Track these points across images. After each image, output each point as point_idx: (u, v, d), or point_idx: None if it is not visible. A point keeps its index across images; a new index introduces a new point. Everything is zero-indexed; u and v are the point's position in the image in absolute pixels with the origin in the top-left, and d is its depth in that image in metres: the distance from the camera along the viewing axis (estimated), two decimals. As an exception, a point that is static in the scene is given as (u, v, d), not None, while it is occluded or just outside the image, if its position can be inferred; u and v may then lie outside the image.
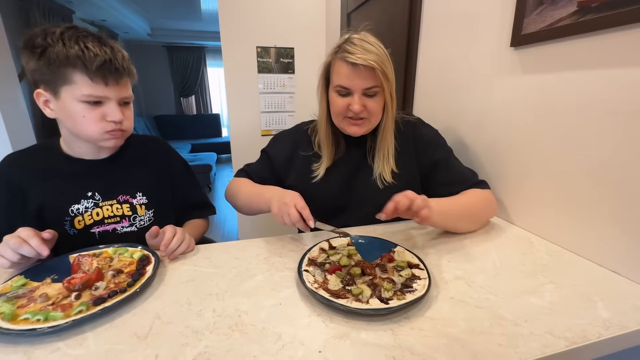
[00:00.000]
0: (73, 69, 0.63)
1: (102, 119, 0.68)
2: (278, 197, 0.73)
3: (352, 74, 0.73)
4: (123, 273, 0.59)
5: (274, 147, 0.93)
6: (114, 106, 0.68)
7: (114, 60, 0.66)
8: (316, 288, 0.55)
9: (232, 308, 0.52)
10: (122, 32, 5.20)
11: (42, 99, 0.67)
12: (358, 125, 0.80)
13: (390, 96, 0.77)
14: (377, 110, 0.78)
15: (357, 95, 0.75)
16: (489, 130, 0.90)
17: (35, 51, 0.63)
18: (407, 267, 0.60)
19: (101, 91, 0.66)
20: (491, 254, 0.69)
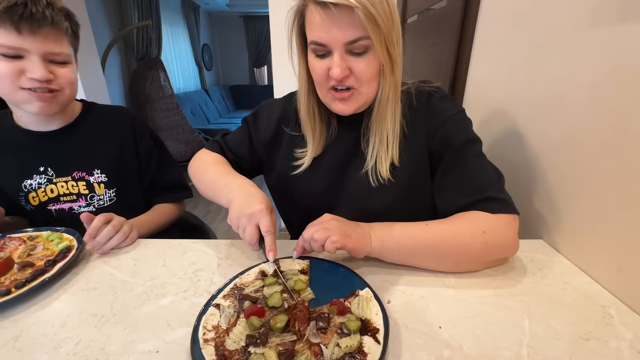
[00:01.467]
0: None
1: (18, 73, 0.59)
2: (242, 199, 0.55)
3: (327, 21, 0.49)
4: (30, 268, 0.52)
5: (257, 120, 0.72)
6: (37, 60, 0.59)
7: (30, 4, 0.56)
8: (206, 340, 0.39)
9: (98, 345, 0.40)
10: (204, 4, 5.45)
11: None
12: (344, 101, 0.55)
13: (388, 53, 0.51)
14: (369, 75, 0.52)
15: (337, 54, 0.51)
16: (571, 118, 0.57)
17: None
18: (357, 332, 0.39)
19: (13, 41, 0.57)
20: (521, 327, 0.42)
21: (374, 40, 0.49)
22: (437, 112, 0.59)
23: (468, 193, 0.55)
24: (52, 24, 0.60)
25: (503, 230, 0.52)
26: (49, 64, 0.61)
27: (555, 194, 0.61)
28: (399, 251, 0.53)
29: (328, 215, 0.54)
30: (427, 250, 0.52)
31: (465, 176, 0.56)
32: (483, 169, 0.57)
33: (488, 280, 0.51)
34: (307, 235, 0.51)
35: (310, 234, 0.50)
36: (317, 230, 0.49)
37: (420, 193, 0.61)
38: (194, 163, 0.73)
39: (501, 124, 0.77)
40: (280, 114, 0.70)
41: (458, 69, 0.96)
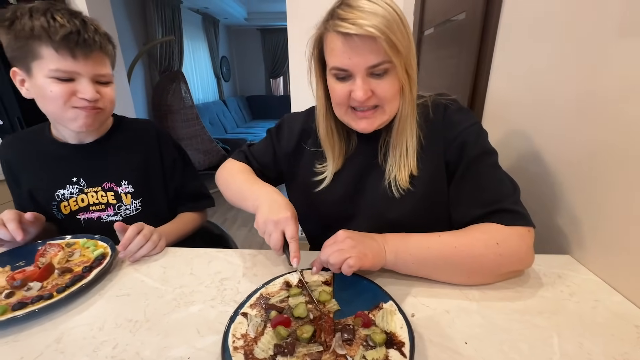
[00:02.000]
0: (39, 41, 0.60)
1: (70, 94, 0.64)
2: (268, 206, 0.57)
3: (348, 49, 0.51)
4: (70, 273, 0.55)
5: (280, 132, 0.75)
6: (87, 83, 0.64)
7: (83, 32, 0.61)
8: (236, 348, 0.40)
9: (133, 350, 0.42)
10: (223, 18, 5.66)
11: (18, 77, 0.66)
12: (368, 118, 0.57)
13: (407, 74, 0.53)
14: (391, 94, 0.54)
15: (359, 78, 0.53)
16: (599, 124, 0.56)
17: (4, 24, 0.61)
18: (382, 345, 0.40)
19: (69, 65, 0.62)
20: (550, 345, 0.41)
21: (396, 63, 0.51)
22: (453, 123, 0.60)
23: (482, 204, 0.55)
24: (100, 49, 0.65)
25: (516, 242, 0.52)
26: (96, 84, 0.66)
27: (582, 208, 0.59)
28: (413, 263, 0.53)
29: (342, 234, 0.54)
30: (440, 261, 0.53)
31: (480, 187, 0.57)
32: (498, 180, 0.57)
33: (513, 295, 0.51)
34: (323, 257, 0.52)
35: (326, 257, 0.51)
36: (332, 254, 0.50)
37: (438, 203, 0.62)
38: (221, 172, 0.76)
39: (522, 137, 0.77)
40: (302, 128, 0.72)
41: (477, 81, 0.96)
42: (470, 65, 0.97)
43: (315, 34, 0.58)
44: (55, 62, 0.61)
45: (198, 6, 4.86)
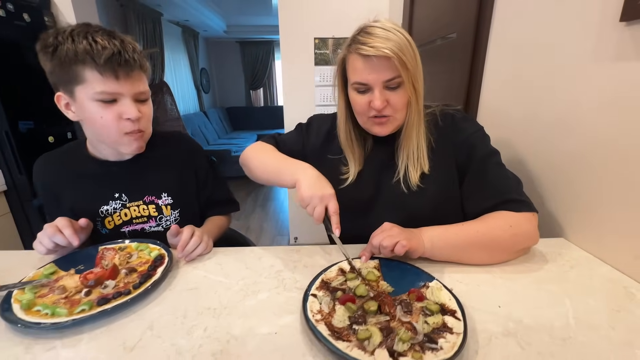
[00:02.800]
0: (83, 65, 0.61)
1: (119, 118, 0.66)
2: (313, 182, 0.63)
3: (368, 67, 0.63)
4: (136, 272, 0.59)
5: (309, 127, 0.84)
6: (129, 102, 0.66)
7: (123, 52, 0.63)
8: (317, 320, 0.47)
9: (223, 330, 0.47)
10: (202, 31, 5.68)
11: (63, 102, 0.67)
12: (382, 125, 0.68)
13: (414, 88, 0.64)
14: (402, 104, 0.66)
15: (377, 90, 0.64)
16: (578, 134, 0.69)
17: (48, 51, 0.62)
18: (438, 312, 0.48)
19: (113, 87, 0.63)
20: (563, 304, 0.52)
21: (405, 78, 0.63)
22: (461, 130, 0.71)
23: (492, 196, 0.66)
24: (140, 67, 0.67)
25: (525, 224, 0.63)
26: (136, 102, 0.68)
27: (570, 200, 0.72)
28: (445, 248, 0.63)
29: (388, 224, 0.64)
30: (467, 245, 0.63)
31: (489, 182, 0.68)
32: (504, 177, 0.69)
33: (527, 270, 0.61)
34: (375, 242, 0.60)
35: (378, 241, 0.60)
36: (384, 238, 0.59)
37: (450, 198, 0.72)
38: (251, 150, 0.81)
39: (511, 143, 0.89)
40: (329, 129, 0.81)
41: (470, 94, 1.09)
42: (463, 80, 1.10)
43: (339, 57, 0.70)
44: (100, 85, 0.63)
45: (178, 19, 4.86)
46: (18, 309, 0.49)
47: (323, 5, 2.04)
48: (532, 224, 0.64)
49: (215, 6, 4.64)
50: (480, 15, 1.01)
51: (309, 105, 2.24)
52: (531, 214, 0.64)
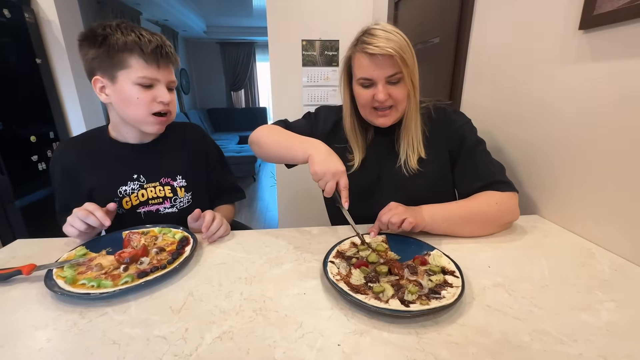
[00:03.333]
0: (130, 53, 0.70)
1: (152, 100, 0.74)
2: (325, 157, 0.68)
3: (373, 64, 0.72)
4: (165, 251, 0.64)
5: (317, 116, 0.91)
6: (163, 88, 0.74)
7: (164, 45, 0.73)
8: (337, 280, 0.54)
9: (258, 293, 0.54)
10: (182, 31, 5.60)
11: (99, 85, 0.74)
12: (386, 116, 0.78)
13: (412, 83, 0.74)
14: (402, 97, 0.75)
15: (380, 85, 0.73)
16: (546, 125, 0.81)
17: (97, 40, 0.69)
18: (439, 272, 0.57)
19: (154, 73, 0.72)
20: (540, 263, 0.62)
21: (405, 74, 0.72)
22: (453, 121, 0.82)
23: (481, 179, 0.77)
24: (174, 60, 0.77)
25: (509, 201, 0.74)
26: (168, 91, 0.76)
27: (541, 184, 0.84)
28: (442, 222, 0.72)
29: (394, 204, 0.72)
30: (461, 219, 0.73)
31: (478, 167, 0.79)
32: (490, 162, 0.80)
33: (509, 240, 0.72)
34: (384, 219, 0.68)
35: (387, 219, 0.68)
36: (392, 216, 0.67)
37: (444, 179, 0.83)
38: (262, 129, 0.85)
39: (490, 135, 1.01)
40: (336, 119, 0.89)
41: (453, 93, 1.21)
42: (447, 79, 1.22)
43: (345, 55, 0.79)
44: (143, 71, 0.71)
45: (158, 18, 4.78)
46: (63, 284, 0.53)
47: (310, 9, 2.12)
48: (514, 202, 0.75)
49: (195, 6, 4.60)
50: (461, 22, 1.12)
51: (296, 105, 2.31)
52: (513, 194, 0.76)
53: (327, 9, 2.12)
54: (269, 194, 4.00)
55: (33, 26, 1.97)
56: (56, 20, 2.04)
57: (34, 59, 1.96)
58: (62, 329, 0.46)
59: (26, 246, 0.72)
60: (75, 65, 2.15)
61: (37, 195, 1.92)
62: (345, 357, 0.41)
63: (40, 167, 1.95)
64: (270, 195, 3.93)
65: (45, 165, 1.98)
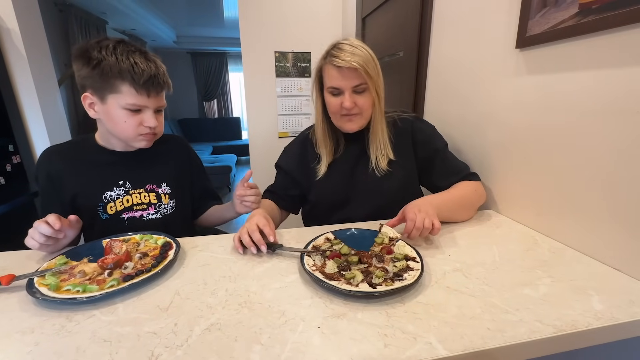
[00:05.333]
0: (122, 80, 0.73)
1: (139, 124, 0.78)
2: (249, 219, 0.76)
3: (340, 75, 0.81)
4: (148, 256, 0.66)
5: (284, 160, 1.01)
6: (151, 114, 0.78)
7: (157, 75, 0.76)
8: (313, 270, 0.59)
9: (242, 289, 0.58)
10: (150, 40, 5.49)
11: (88, 101, 0.76)
12: (352, 121, 0.86)
13: (377, 92, 0.83)
14: (367, 105, 0.84)
15: (347, 93, 0.82)
16: (494, 130, 0.92)
17: (92, 62, 0.72)
18: (403, 259, 0.64)
19: (143, 101, 0.76)
20: (492, 250, 0.71)
21: (369, 85, 0.81)
22: (420, 130, 0.93)
23: (456, 173, 0.90)
24: (165, 87, 0.80)
25: (481, 187, 0.90)
26: (155, 113, 0.80)
27: (492, 182, 0.94)
28: (445, 211, 0.80)
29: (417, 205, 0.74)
30: (456, 205, 0.84)
31: (452, 164, 0.92)
32: (457, 160, 0.93)
33: (468, 232, 0.81)
34: (419, 223, 0.69)
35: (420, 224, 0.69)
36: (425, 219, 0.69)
37: (411, 179, 0.93)
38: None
39: (449, 139, 1.12)
40: (300, 150, 0.99)
41: (417, 101, 1.31)
42: (410, 89, 1.33)
43: (317, 67, 0.87)
44: (132, 98, 0.74)
45: (124, 27, 4.68)
46: (47, 291, 0.54)
47: (282, 22, 2.20)
48: (483, 188, 0.91)
49: (165, 16, 4.55)
50: (421, 37, 1.24)
51: (272, 114, 2.36)
52: (481, 182, 0.91)
53: (299, 22, 2.21)
54: (245, 203, 3.96)
55: (-9, 35, 1.88)
56: (16, 29, 1.97)
57: (-9, 68, 1.86)
58: (50, 333, 0.47)
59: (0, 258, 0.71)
60: (38, 75, 2.07)
61: (-4, 212, 1.81)
62: (325, 337, 0.46)
63: (-1, 181, 1.84)
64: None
65: (4, 179, 1.87)
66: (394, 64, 1.50)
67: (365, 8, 1.82)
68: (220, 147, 5.89)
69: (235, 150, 5.73)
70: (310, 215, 1.01)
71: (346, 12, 2.15)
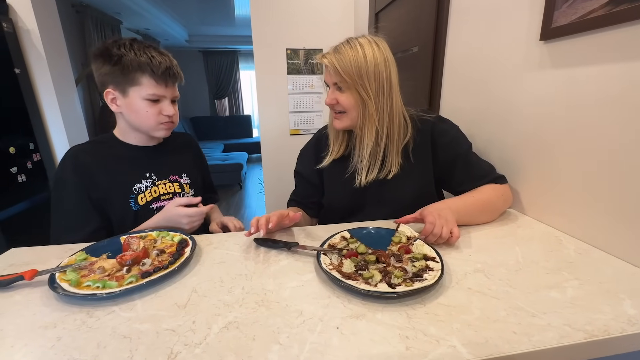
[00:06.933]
0: (142, 73, 0.78)
1: (159, 113, 0.83)
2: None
3: (326, 70, 0.82)
4: (165, 253, 0.66)
5: (301, 165, 1.01)
6: (168, 103, 0.84)
7: (172, 66, 0.82)
8: (330, 269, 0.58)
9: (258, 287, 0.57)
10: (163, 40, 5.56)
11: (111, 96, 0.82)
12: (338, 119, 0.85)
13: (364, 94, 0.78)
14: (347, 104, 0.81)
15: (330, 90, 0.83)
16: (516, 126, 0.88)
17: (112, 58, 0.77)
18: (422, 259, 0.62)
19: (162, 91, 0.81)
20: (514, 250, 0.69)
21: (343, 85, 0.79)
22: (441, 132, 0.88)
23: (483, 176, 0.86)
24: (179, 78, 0.86)
25: (508, 191, 0.87)
26: (172, 103, 0.86)
27: (513, 178, 0.91)
28: (465, 215, 0.78)
29: (435, 209, 0.72)
30: (476, 210, 0.81)
31: (476, 167, 0.88)
32: (482, 162, 0.89)
33: (488, 232, 0.78)
34: (437, 230, 0.67)
35: (439, 231, 0.67)
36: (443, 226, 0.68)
37: (428, 188, 0.89)
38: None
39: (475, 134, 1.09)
40: (315, 150, 0.97)
41: (432, 98, 1.29)
42: (425, 86, 1.30)
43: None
44: (152, 89, 0.80)
45: (138, 27, 4.75)
46: (68, 286, 0.54)
47: (294, 19, 2.19)
48: (510, 191, 0.88)
49: (177, 15, 4.60)
50: (437, 32, 1.21)
51: (283, 112, 2.36)
52: (508, 186, 0.87)
53: (310, 18, 2.19)
54: (257, 201, 4.00)
55: (11, 35, 1.93)
56: (36, 30, 2.02)
57: (12, 69, 1.92)
58: (71, 328, 0.48)
59: (22, 254, 0.72)
60: (56, 75, 2.12)
61: (16, 208, 1.87)
62: (344, 338, 0.45)
63: (20, 179, 1.90)
64: (257, 202, 3.93)
65: (25, 177, 1.93)
66: (408, 60, 1.47)
67: (379, 3, 1.79)
68: (231, 145, 5.94)
69: (246, 148, 5.77)
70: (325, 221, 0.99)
71: (358, 7, 2.12)
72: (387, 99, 0.80)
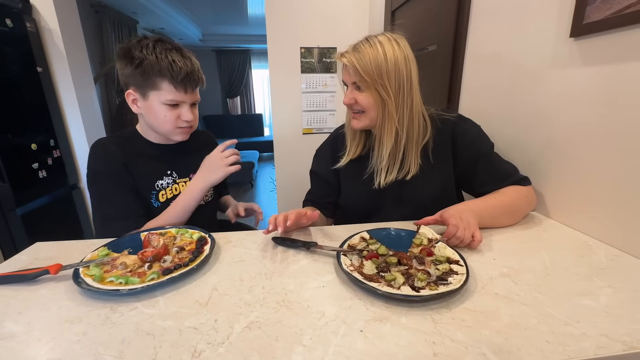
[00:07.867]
0: (162, 78, 0.78)
1: (177, 118, 0.84)
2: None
3: (345, 69, 0.80)
4: (185, 250, 0.67)
5: (317, 164, 0.99)
6: (188, 108, 0.84)
7: (193, 72, 0.81)
8: (351, 270, 0.57)
9: (279, 287, 0.57)
10: (177, 39, 5.64)
11: (132, 97, 0.83)
12: (356, 119, 0.83)
13: (385, 94, 0.76)
14: (366, 103, 0.79)
15: (349, 89, 0.81)
16: (543, 127, 0.85)
17: (134, 62, 0.77)
18: (445, 262, 0.60)
19: (181, 97, 0.81)
20: (541, 255, 0.66)
21: (362, 84, 0.77)
22: (463, 132, 0.85)
23: (505, 178, 0.83)
24: (200, 83, 0.85)
25: (532, 193, 0.84)
26: (191, 107, 0.85)
27: (538, 180, 0.88)
28: (487, 218, 0.75)
29: (458, 212, 0.70)
30: (498, 212, 0.78)
31: (499, 168, 0.85)
32: (504, 163, 0.86)
33: (513, 236, 0.76)
34: (460, 234, 0.66)
35: (462, 234, 0.66)
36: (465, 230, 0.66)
37: (448, 181, 0.87)
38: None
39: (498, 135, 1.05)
40: (331, 150, 0.96)
41: (451, 97, 1.26)
42: (444, 85, 1.27)
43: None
44: (172, 95, 0.80)
45: (154, 26, 4.83)
46: (92, 281, 0.55)
47: (308, 17, 2.18)
48: (534, 193, 0.85)
49: (191, 15, 4.66)
50: (457, 29, 1.18)
51: (296, 111, 2.35)
52: (532, 187, 0.85)
53: (325, 16, 2.18)
54: (268, 199, 4.02)
55: (34, 35, 1.98)
56: (57, 29, 2.07)
57: (35, 67, 1.97)
58: (96, 323, 0.48)
59: (46, 248, 0.74)
60: (76, 73, 2.17)
61: (38, 203, 1.92)
62: (369, 342, 0.44)
63: (41, 174, 1.95)
64: (269, 201, 3.94)
65: (46, 172, 1.98)
66: (425, 58, 1.44)
67: (395, 0, 1.76)
68: (243, 143, 5.97)
69: (258, 146, 5.80)
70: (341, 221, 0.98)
71: (374, 5, 2.09)
72: (408, 98, 0.79)
